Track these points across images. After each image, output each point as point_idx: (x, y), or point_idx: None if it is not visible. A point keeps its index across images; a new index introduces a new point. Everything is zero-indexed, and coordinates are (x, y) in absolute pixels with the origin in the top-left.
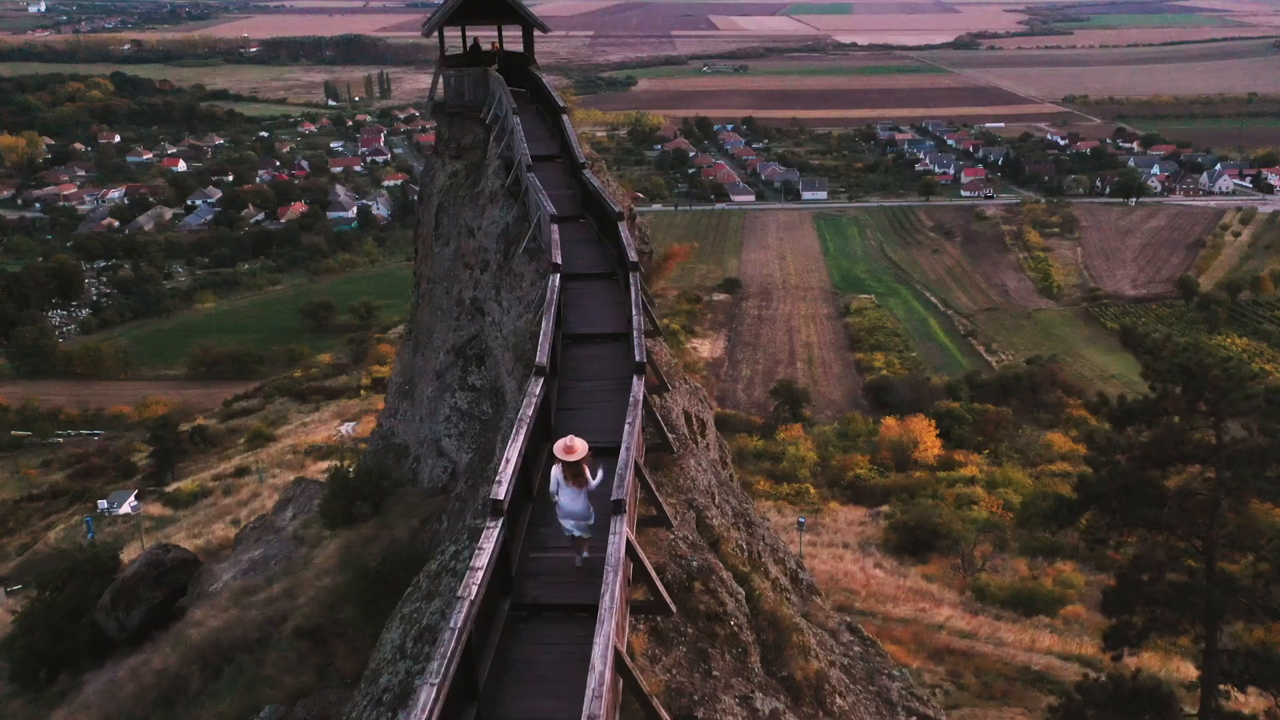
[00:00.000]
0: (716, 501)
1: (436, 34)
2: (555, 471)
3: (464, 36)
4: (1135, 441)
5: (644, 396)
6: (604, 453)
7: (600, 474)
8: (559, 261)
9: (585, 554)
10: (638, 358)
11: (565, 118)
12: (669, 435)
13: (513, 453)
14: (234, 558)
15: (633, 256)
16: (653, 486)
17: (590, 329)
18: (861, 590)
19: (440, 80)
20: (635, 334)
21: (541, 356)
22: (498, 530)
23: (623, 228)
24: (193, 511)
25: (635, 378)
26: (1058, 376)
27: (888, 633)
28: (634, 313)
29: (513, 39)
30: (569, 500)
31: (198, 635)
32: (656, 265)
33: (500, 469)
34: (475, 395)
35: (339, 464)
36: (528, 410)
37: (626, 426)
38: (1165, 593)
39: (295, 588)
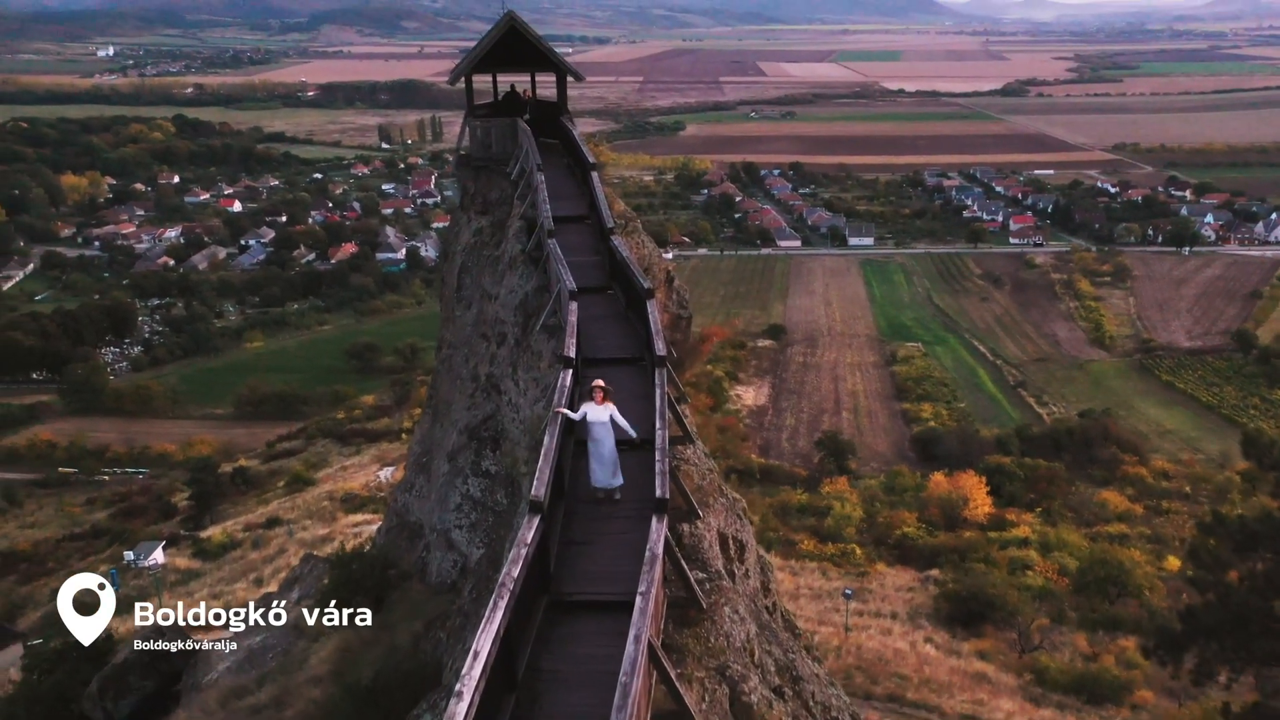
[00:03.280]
0: (756, 659)
1: (464, 82)
2: (587, 411)
3: (495, 85)
4: (1255, 568)
5: (665, 544)
6: (614, 608)
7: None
8: (572, 354)
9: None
10: (659, 492)
11: (595, 175)
12: (696, 588)
13: (484, 641)
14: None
15: (660, 348)
16: (672, 677)
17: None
18: (913, 675)
19: (467, 131)
20: (659, 456)
21: (539, 488)
22: None
23: (652, 308)
24: (218, 565)
25: (655, 519)
26: (1111, 431)
27: None
28: (658, 424)
29: (547, 84)
30: (595, 413)
31: None
32: (692, 347)
33: (465, 668)
34: (489, 482)
35: (342, 549)
36: (513, 569)
37: (638, 599)
38: None
39: (284, 695)
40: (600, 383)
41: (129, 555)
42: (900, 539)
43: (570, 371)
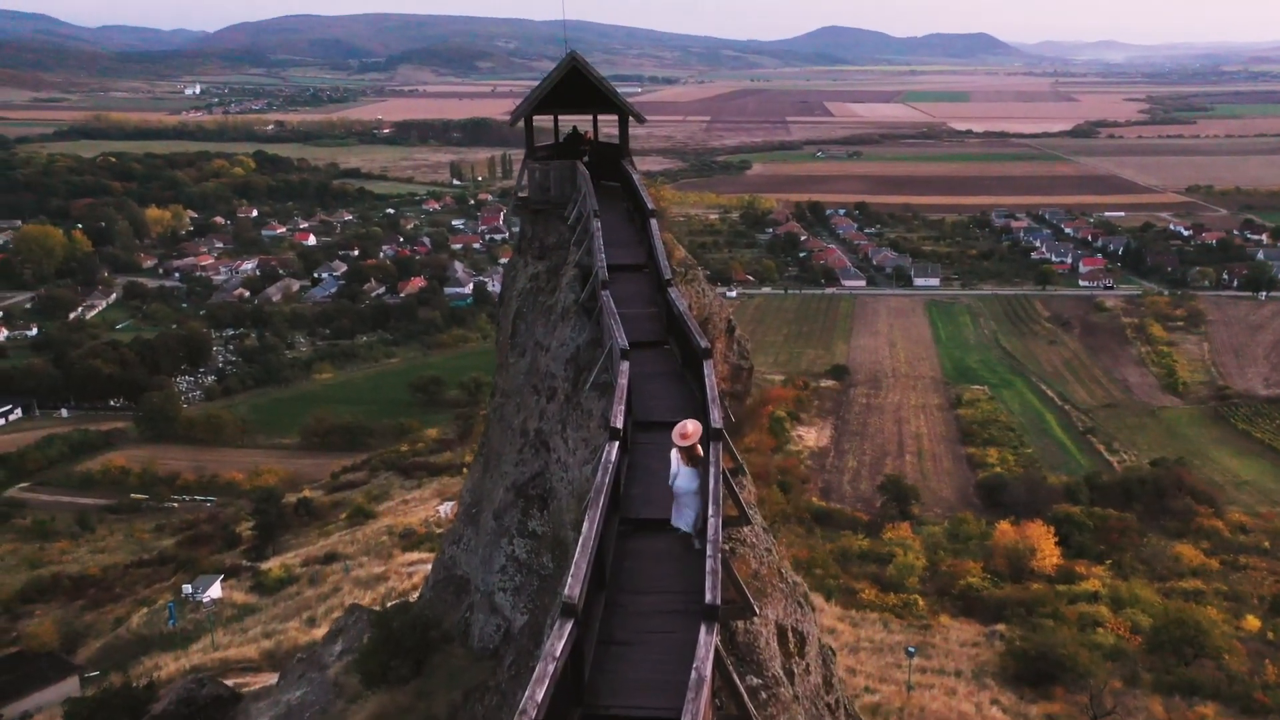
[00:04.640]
0: None
1: (524, 123)
2: (673, 455)
3: (556, 126)
4: None
5: (716, 655)
6: None
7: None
8: (619, 424)
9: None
10: (708, 597)
11: (653, 221)
12: (750, 706)
13: None
14: (274, 697)
15: (716, 420)
16: None
17: (661, 512)
18: None
19: (526, 173)
20: (710, 550)
21: (573, 586)
22: None
23: (709, 370)
24: (274, 601)
25: (704, 630)
26: (1185, 481)
27: None
28: (710, 510)
29: (610, 123)
30: (686, 480)
31: None
32: (751, 410)
33: None
34: (535, 544)
35: (384, 606)
36: (537, 692)
37: None
38: None
39: None
40: (688, 438)
41: (187, 589)
42: (964, 590)
43: (617, 444)
